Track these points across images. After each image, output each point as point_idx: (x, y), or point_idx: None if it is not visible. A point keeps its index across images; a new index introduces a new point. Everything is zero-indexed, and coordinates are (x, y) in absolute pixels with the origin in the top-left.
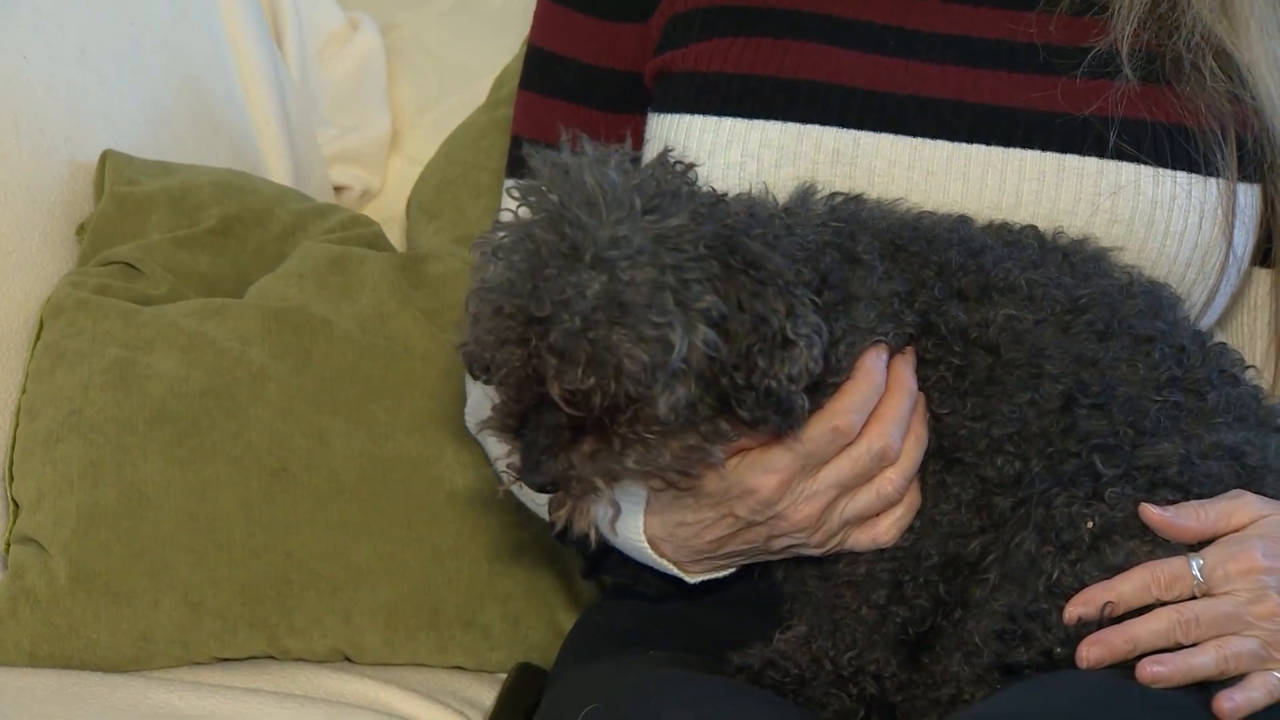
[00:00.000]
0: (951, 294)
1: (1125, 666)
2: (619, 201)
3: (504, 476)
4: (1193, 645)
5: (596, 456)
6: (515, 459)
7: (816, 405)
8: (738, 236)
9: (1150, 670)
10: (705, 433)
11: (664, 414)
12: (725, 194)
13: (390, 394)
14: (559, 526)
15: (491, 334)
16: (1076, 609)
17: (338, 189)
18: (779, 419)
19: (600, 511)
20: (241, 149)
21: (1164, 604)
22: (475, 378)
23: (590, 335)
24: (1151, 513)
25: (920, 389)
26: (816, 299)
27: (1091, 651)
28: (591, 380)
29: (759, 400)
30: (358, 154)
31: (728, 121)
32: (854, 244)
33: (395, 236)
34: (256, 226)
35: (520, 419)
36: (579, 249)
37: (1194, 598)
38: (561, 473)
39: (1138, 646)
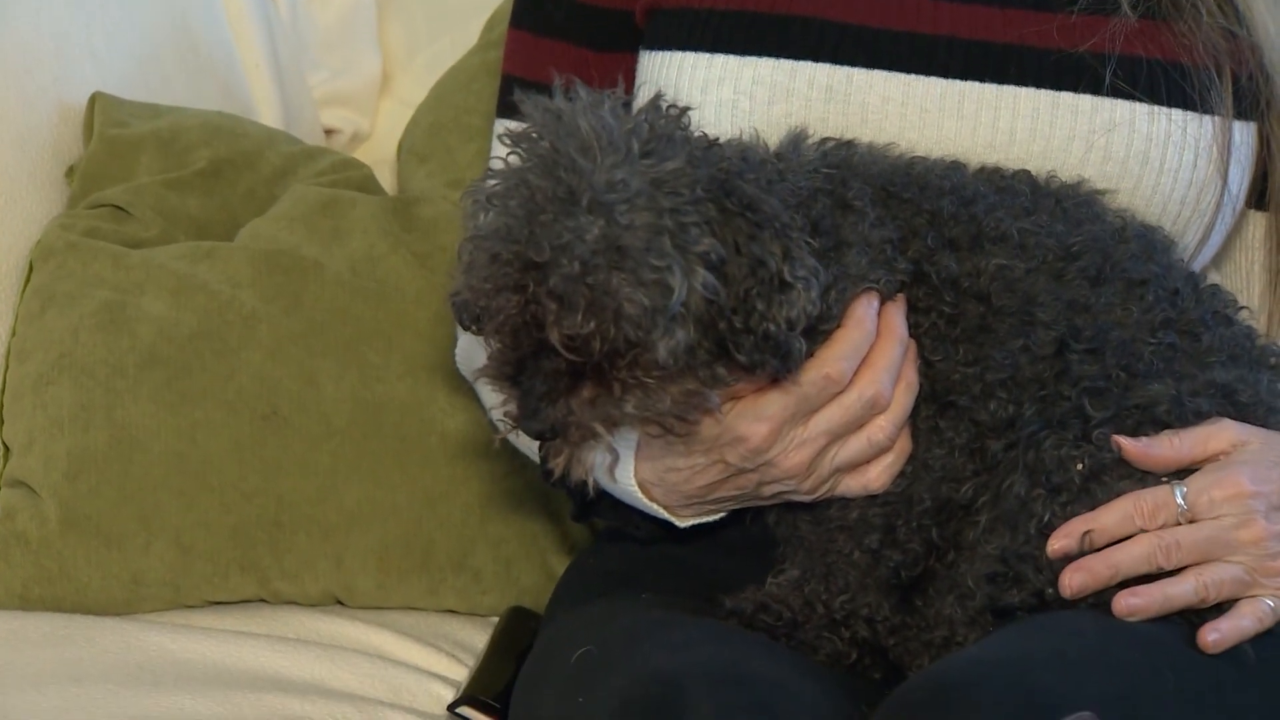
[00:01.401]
0: (943, 244)
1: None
2: (615, 145)
3: (500, 425)
4: (1176, 574)
5: (595, 402)
6: (512, 406)
7: (808, 353)
8: (734, 180)
9: (1125, 603)
10: (704, 377)
11: (663, 358)
12: (718, 138)
13: (381, 336)
14: (557, 474)
15: (488, 281)
16: (1059, 541)
17: (328, 132)
18: (777, 363)
19: (598, 458)
20: (231, 91)
21: None
22: (465, 328)
23: (589, 280)
24: (1125, 444)
25: (911, 335)
26: (812, 242)
27: (1074, 579)
28: (591, 325)
29: (757, 344)
30: (348, 96)
31: (719, 58)
32: (845, 190)
33: (386, 180)
34: (246, 169)
35: (517, 366)
36: (576, 194)
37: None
38: (560, 419)
39: (1119, 572)
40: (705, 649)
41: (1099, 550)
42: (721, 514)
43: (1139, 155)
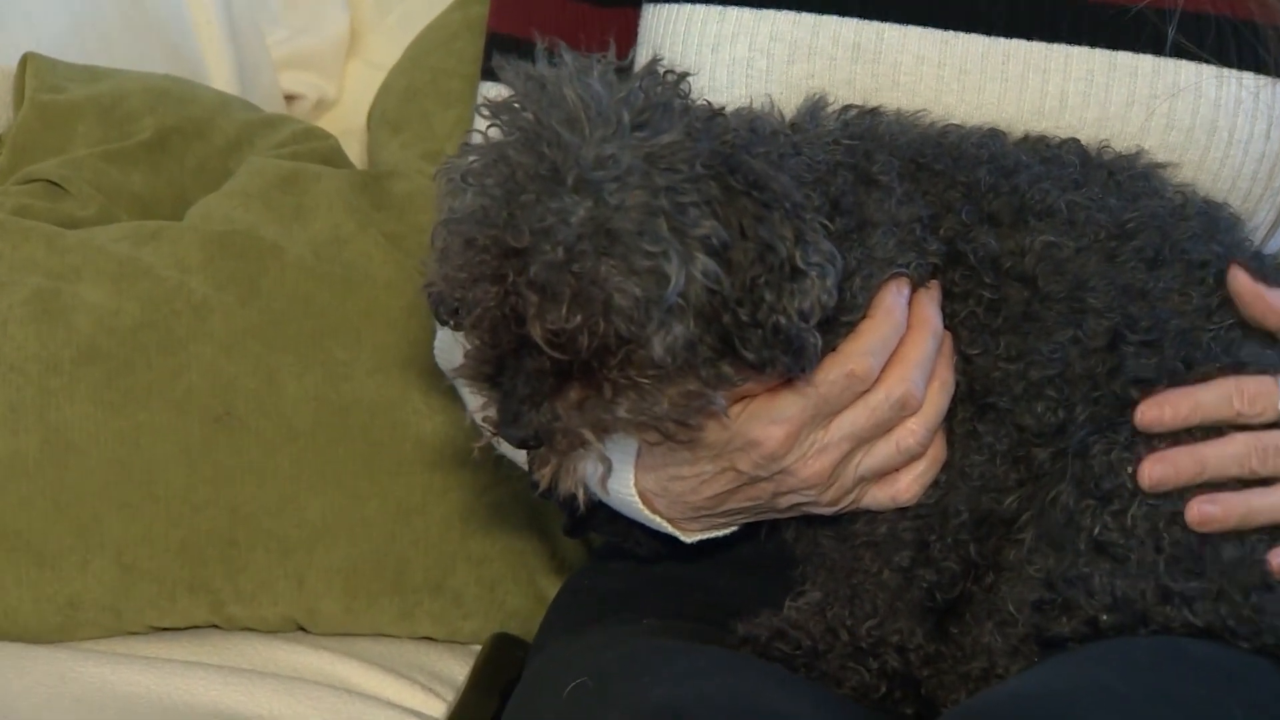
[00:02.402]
0: (981, 218)
1: (1178, 626)
2: (604, 117)
3: (482, 430)
4: (1264, 485)
5: (584, 405)
6: (492, 411)
7: (829, 347)
8: (738, 154)
9: (1200, 509)
10: (706, 377)
11: (660, 355)
12: (723, 108)
13: (349, 329)
14: (543, 485)
15: (463, 270)
16: (1149, 411)
17: (289, 97)
18: (789, 360)
19: (589, 468)
20: (179, 52)
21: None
22: (442, 322)
23: (575, 268)
24: (1240, 279)
25: (947, 327)
26: (828, 224)
27: (1154, 469)
28: (578, 318)
29: (766, 339)
30: (311, 58)
31: (733, 11)
32: (869, 163)
33: (354, 151)
34: (197, 139)
35: (497, 365)
36: (560, 171)
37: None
38: (545, 425)
39: (1205, 469)
40: (714, 680)
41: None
42: (733, 528)
43: (1206, 123)
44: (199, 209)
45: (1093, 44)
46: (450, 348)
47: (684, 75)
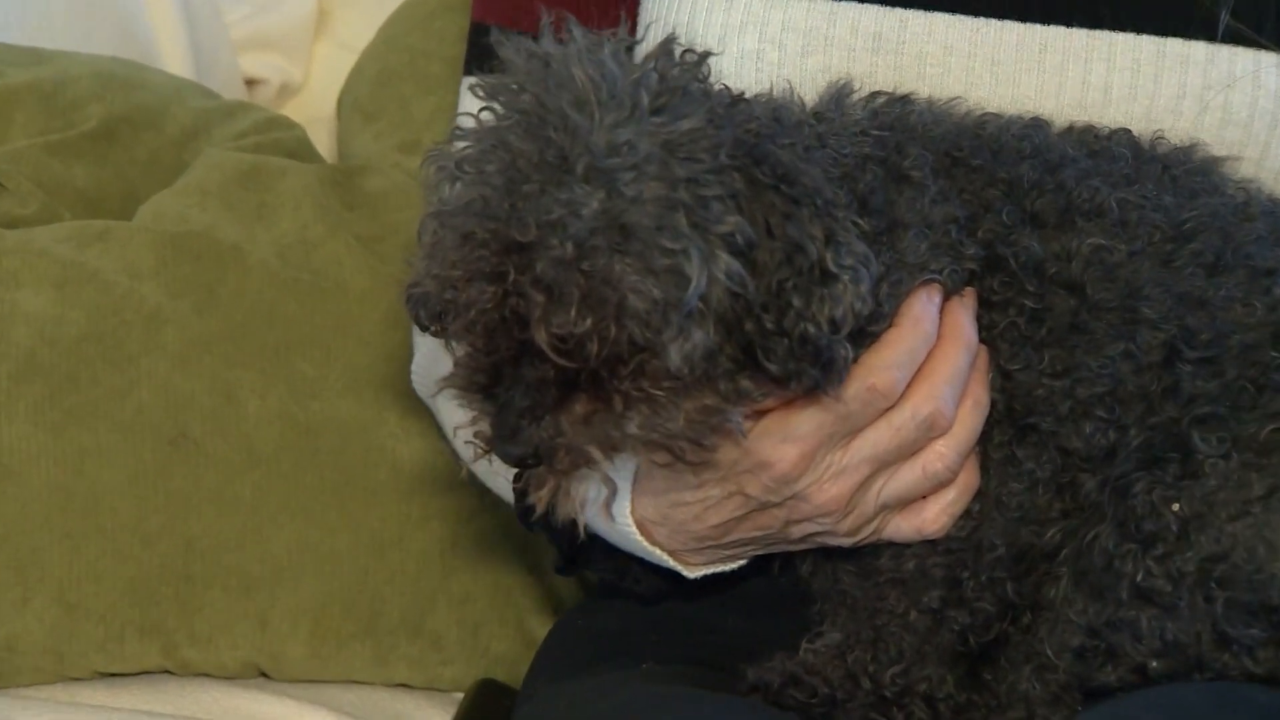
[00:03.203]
0: (1024, 219)
1: (1236, 673)
2: (617, 99)
3: (466, 451)
4: None
5: (591, 420)
6: (484, 426)
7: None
8: (765, 144)
9: None
10: (724, 391)
11: (676, 365)
12: (743, 93)
13: (318, 342)
14: (539, 511)
15: (457, 266)
16: None
17: (250, 82)
18: (816, 373)
19: (591, 491)
20: (129, 32)
21: None
22: (424, 328)
23: (585, 265)
24: None
25: (983, 340)
26: (861, 223)
27: None
28: (587, 322)
29: (792, 350)
30: (275, 38)
31: None
32: (900, 157)
33: (323, 142)
34: (148, 129)
35: (493, 375)
36: (568, 158)
37: None
38: (546, 440)
39: None
40: None
41: None
42: (741, 562)
43: (1266, 116)
44: (150, 207)
45: (1139, 30)
46: (429, 367)
47: (704, 55)
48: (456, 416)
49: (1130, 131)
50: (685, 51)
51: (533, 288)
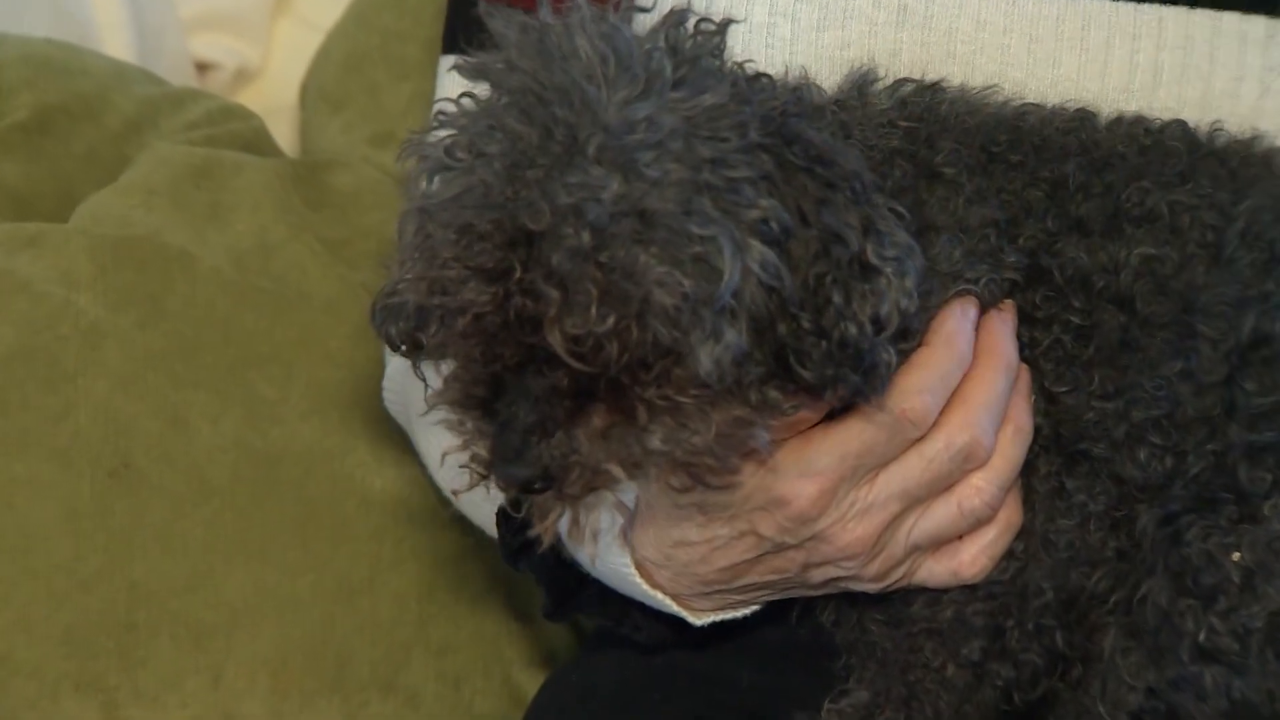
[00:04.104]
0: (1069, 224)
1: None
2: (630, 71)
3: (454, 480)
4: None
5: (610, 434)
6: (481, 448)
7: None
8: (794, 123)
9: None
10: (754, 402)
11: (707, 370)
12: (764, 71)
13: (278, 359)
14: (545, 543)
15: (451, 265)
16: None
17: (201, 66)
18: (857, 380)
19: (604, 520)
20: (64, 10)
21: None
22: (394, 347)
23: (604, 257)
24: None
25: (1025, 360)
26: (902, 210)
27: None
28: (608, 321)
29: (830, 353)
30: (230, 16)
31: None
32: (932, 152)
33: (284, 134)
34: (86, 120)
35: (493, 387)
36: (578, 137)
37: None
38: (559, 460)
39: None
40: None
41: None
42: (754, 608)
43: None
44: (89, 208)
45: (1192, 4)
46: (404, 386)
47: (724, 24)
48: (443, 441)
49: (1185, 124)
50: (700, 20)
51: (545, 283)
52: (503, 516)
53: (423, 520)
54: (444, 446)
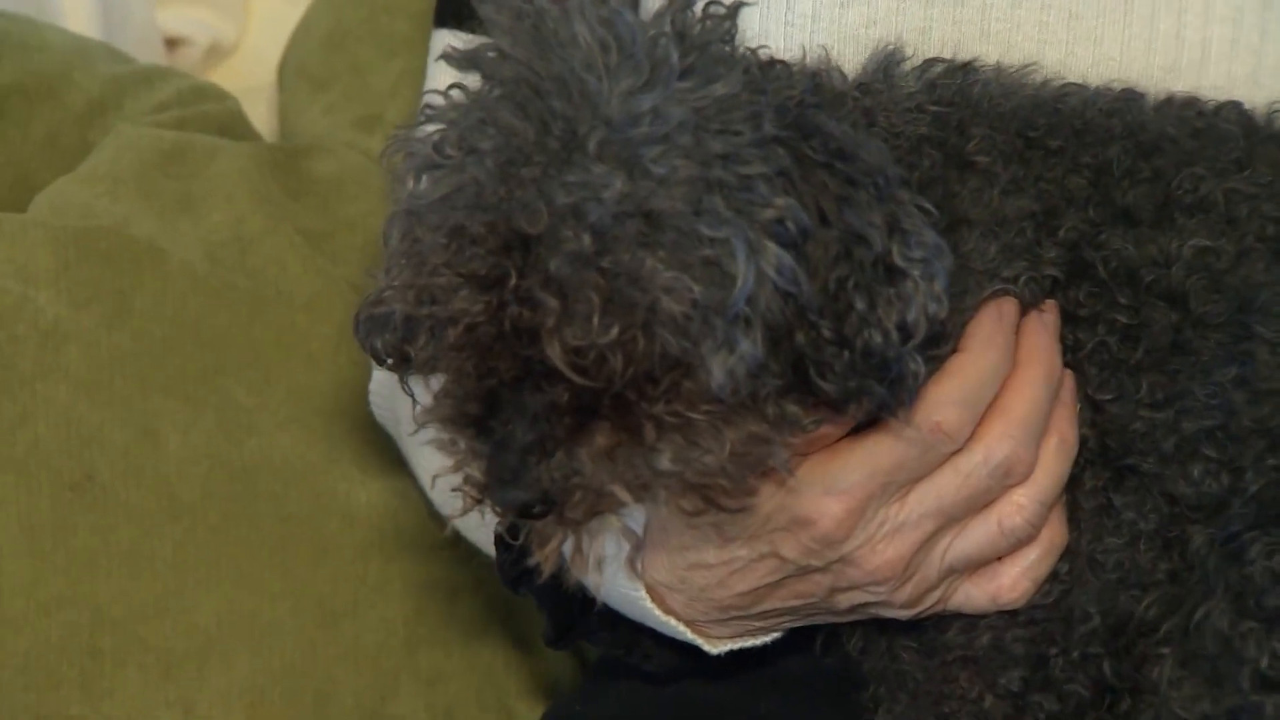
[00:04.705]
0: (1114, 215)
1: None
2: (634, 60)
3: (449, 502)
4: None
5: (615, 454)
6: (475, 470)
7: None
8: (813, 114)
9: None
10: (771, 417)
11: (719, 383)
12: (778, 58)
13: (255, 363)
14: (546, 572)
15: (444, 271)
16: None
17: (171, 42)
18: (883, 392)
19: (610, 546)
20: None
21: None
22: (380, 361)
23: (607, 262)
24: None
25: (1068, 365)
26: (929, 207)
27: None
28: (612, 332)
29: (853, 364)
30: None
31: None
32: (963, 139)
33: (262, 117)
34: (46, 101)
35: (487, 404)
36: (578, 132)
37: None
38: (559, 482)
39: None
40: None
41: None
42: (775, 635)
43: None
44: (49, 197)
45: None
46: (393, 391)
47: (735, 8)
48: (434, 461)
49: (1241, 105)
50: (710, 4)
51: (543, 291)
52: (500, 539)
53: (412, 538)
54: (435, 468)
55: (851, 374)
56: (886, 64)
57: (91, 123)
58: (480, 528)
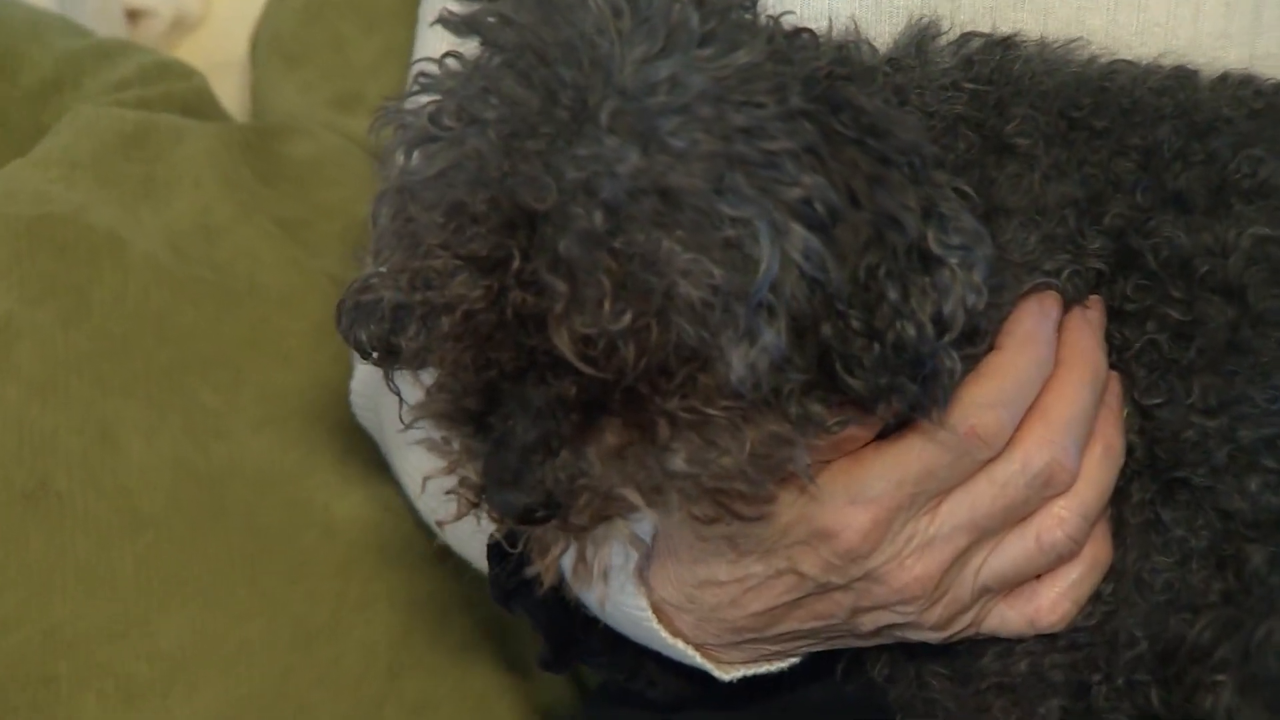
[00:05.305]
0: (1165, 201)
1: None
2: (649, 25)
3: (440, 508)
4: None
5: (626, 453)
6: (471, 470)
7: None
8: (842, 86)
9: None
10: (794, 417)
11: (740, 376)
12: (802, 26)
13: (224, 362)
14: (547, 583)
15: (440, 253)
16: None
17: (133, 14)
18: (916, 391)
19: (616, 555)
20: None
21: None
22: (365, 354)
23: (620, 242)
24: None
25: (1114, 366)
26: (968, 190)
27: None
28: (625, 318)
29: (884, 359)
30: None
31: None
32: (1002, 120)
33: (231, 95)
34: None
35: (486, 398)
36: (588, 102)
37: None
38: (565, 484)
39: None
40: None
41: None
42: (793, 660)
43: None
44: (0, 183)
45: None
46: (376, 389)
47: None
48: (424, 463)
49: None
50: None
51: (550, 274)
52: (494, 550)
53: (397, 553)
54: (426, 470)
55: (882, 370)
56: (920, 38)
57: (46, 102)
58: (473, 536)
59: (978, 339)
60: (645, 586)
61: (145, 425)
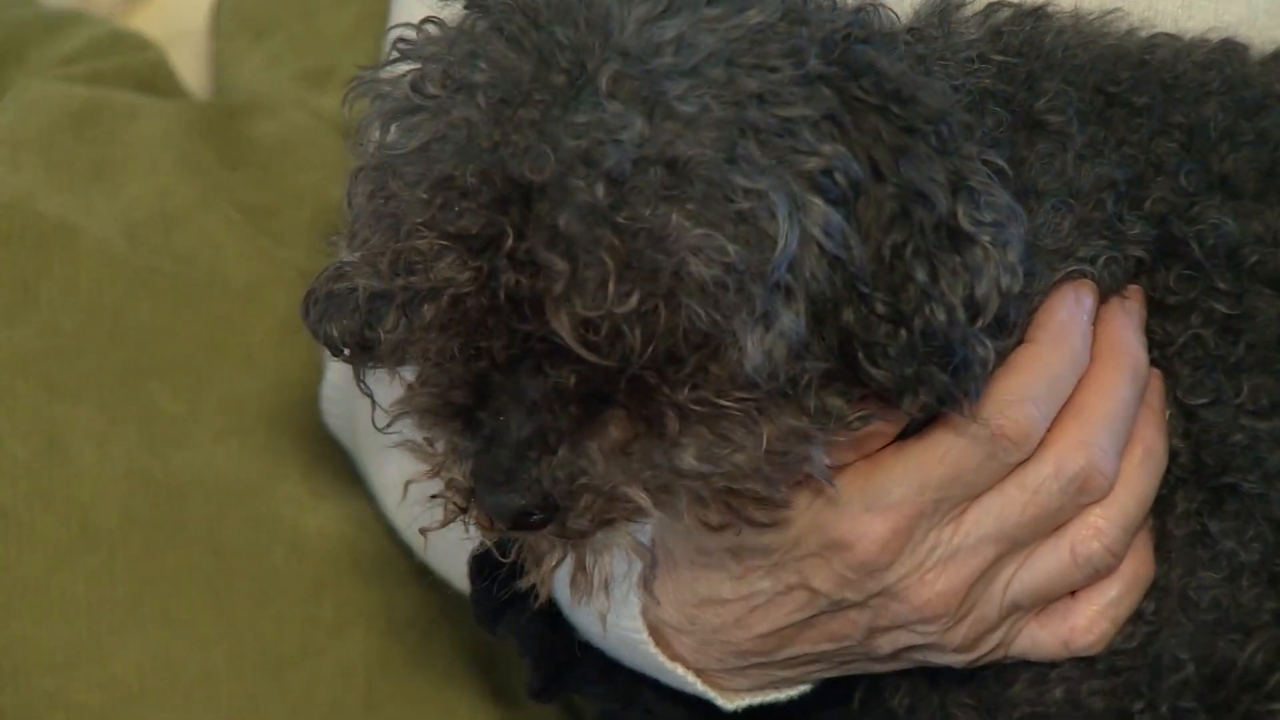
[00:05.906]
0: (1211, 184)
1: None
2: None
3: (420, 516)
4: None
5: (631, 449)
6: (459, 471)
7: None
8: (863, 49)
9: None
10: (812, 410)
11: (756, 364)
12: None
13: (184, 364)
14: (542, 596)
15: (425, 233)
16: None
17: None
18: (945, 381)
19: (619, 564)
20: None
21: None
22: (336, 351)
23: (624, 217)
24: None
25: (1155, 363)
26: (1001, 163)
27: None
28: (630, 300)
29: (911, 346)
30: None
31: None
32: (1033, 95)
33: (191, 69)
34: None
35: (475, 392)
36: (586, 64)
37: None
38: (564, 483)
39: None
40: None
41: None
42: (804, 688)
43: None
44: None
45: None
46: (349, 393)
47: None
48: (404, 466)
49: None
50: None
51: (548, 252)
52: (477, 566)
53: (373, 571)
54: (407, 473)
55: (908, 359)
56: (944, 7)
57: None
58: (458, 547)
59: (1005, 331)
60: (651, 597)
61: (98, 432)
